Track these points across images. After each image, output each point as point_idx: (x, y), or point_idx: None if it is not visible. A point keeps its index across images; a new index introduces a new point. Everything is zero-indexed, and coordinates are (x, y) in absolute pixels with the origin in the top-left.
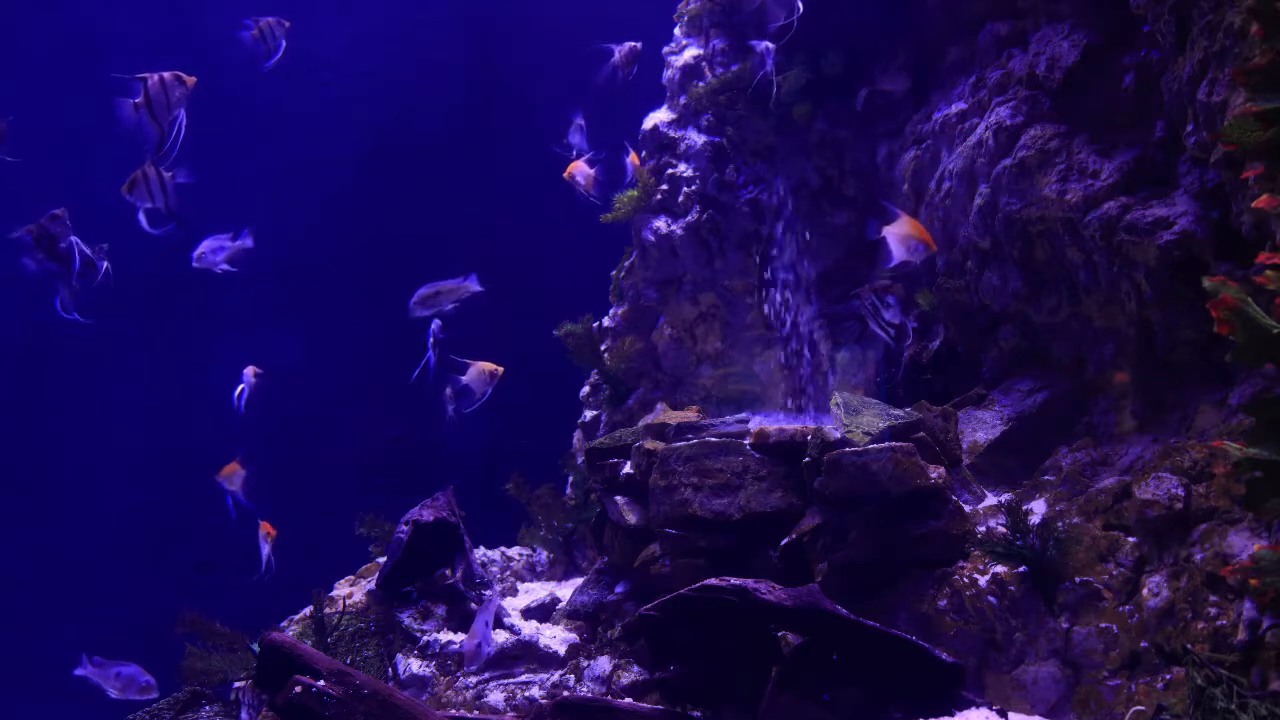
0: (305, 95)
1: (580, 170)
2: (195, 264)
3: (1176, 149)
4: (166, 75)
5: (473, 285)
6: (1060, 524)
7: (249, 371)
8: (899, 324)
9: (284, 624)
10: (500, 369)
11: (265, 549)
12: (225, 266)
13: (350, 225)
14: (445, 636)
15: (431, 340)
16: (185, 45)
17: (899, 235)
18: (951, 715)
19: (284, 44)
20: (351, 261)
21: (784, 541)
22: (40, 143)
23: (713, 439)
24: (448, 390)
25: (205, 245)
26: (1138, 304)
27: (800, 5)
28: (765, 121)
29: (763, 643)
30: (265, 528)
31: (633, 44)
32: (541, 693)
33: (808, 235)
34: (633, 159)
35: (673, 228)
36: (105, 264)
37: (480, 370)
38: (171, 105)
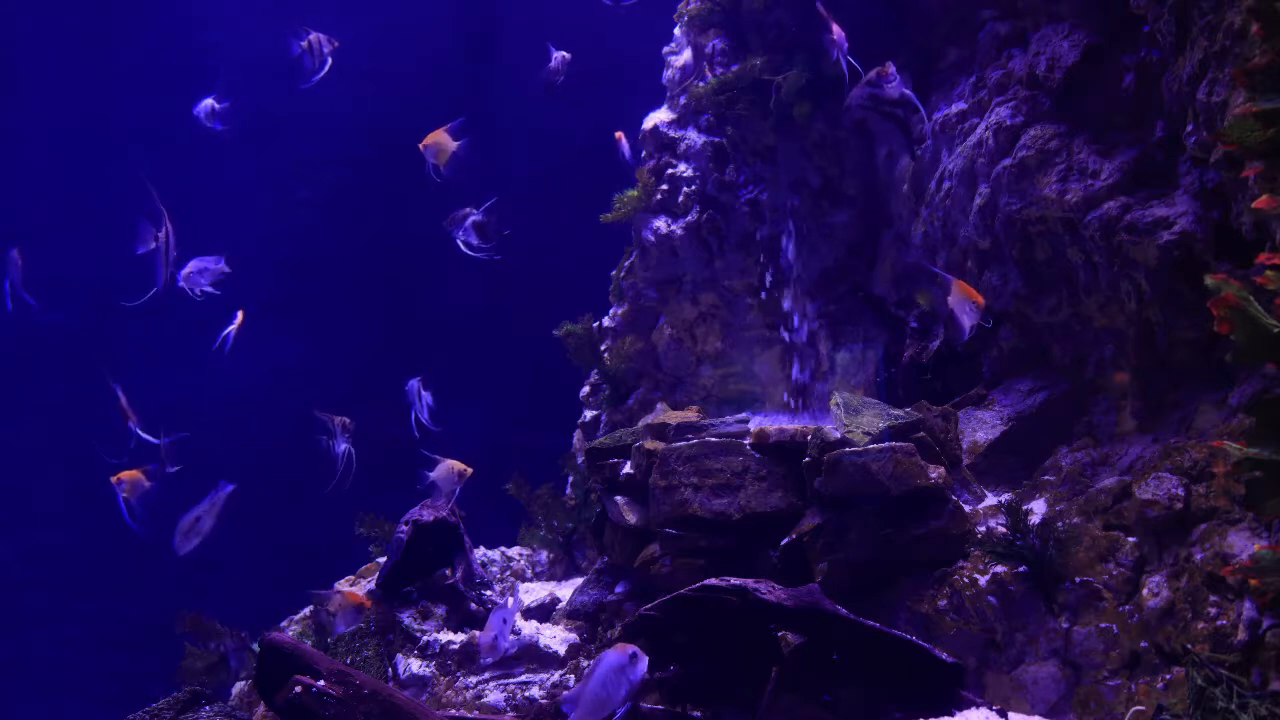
0: (306, 94)
1: (439, 143)
2: (181, 283)
3: (1176, 149)
4: None
5: (224, 491)
6: (1060, 524)
7: (239, 314)
8: (904, 98)
9: (284, 624)
10: (469, 470)
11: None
12: (208, 289)
13: (350, 225)
14: (445, 636)
15: (412, 397)
16: (186, 43)
17: (958, 304)
18: (951, 715)
19: (330, 63)
20: (351, 261)
21: (784, 541)
22: (42, 142)
23: (713, 439)
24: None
25: (192, 266)
26: (1138, 304)
27: (862, 70)
28: (765, 121)
29: (763, 643)
30: (356, 595)
31: (563, 54)
32: (541, 693)
33: (808, 235)
34: (620, 135)
35: (673, 228)
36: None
37: (449, 468)
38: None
